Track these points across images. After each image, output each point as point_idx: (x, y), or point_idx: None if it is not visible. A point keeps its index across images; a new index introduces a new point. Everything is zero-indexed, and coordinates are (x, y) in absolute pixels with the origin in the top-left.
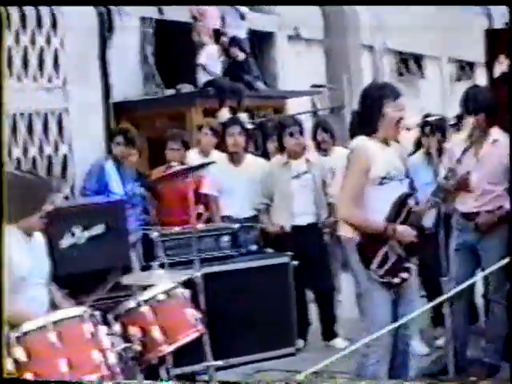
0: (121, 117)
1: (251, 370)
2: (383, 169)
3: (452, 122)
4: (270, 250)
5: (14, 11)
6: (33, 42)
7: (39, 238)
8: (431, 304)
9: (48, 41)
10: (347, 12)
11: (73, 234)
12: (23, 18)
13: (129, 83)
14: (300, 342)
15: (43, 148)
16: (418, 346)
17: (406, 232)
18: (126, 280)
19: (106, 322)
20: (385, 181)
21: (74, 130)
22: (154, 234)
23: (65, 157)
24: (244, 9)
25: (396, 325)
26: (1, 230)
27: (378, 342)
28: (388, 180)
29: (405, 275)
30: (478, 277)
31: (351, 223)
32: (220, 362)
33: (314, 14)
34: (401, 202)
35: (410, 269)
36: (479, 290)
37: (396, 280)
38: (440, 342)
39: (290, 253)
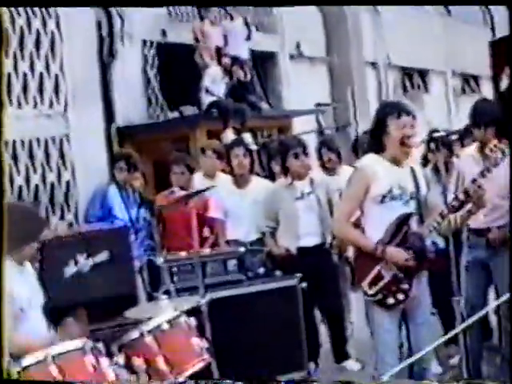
0: (125, 141)
1: None
2: (385, 187)
3: (456, 137)
4: (277, 273)
5: (13, 37)
6: (32, 67)
7: (29, 267)
8: (446, 337)
9: (47, 66)
10: (349, 28)
11: (76, 262)
12: (21, 42)
13: (132, 107)
14: (311, 365)
15: (46, 175)
16: (432, 366)
17: (396, 254)
18: (129, 314)
19: (110, 353)
20: (386, 200)
21: (76, 156)
22: (160, 260)
23: (68, 183)
24: (252, 28)
25: (408, 362)
26: (1, 255)
27: (386, 366)
28: (389, 199)
29: (401, 296)
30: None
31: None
32: None
33: (315, 32)
34: (399, 223)
35: (407, 290)
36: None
37: (390, 301)
38: (454, 360)
39: (297, 275)
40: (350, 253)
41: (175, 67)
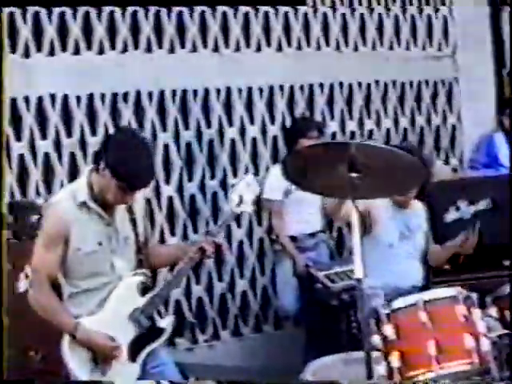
0: None
1: None
2: None
3: None
4: None
5: None
6: (420, 10)
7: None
8: None
9: (436, 9)
10: None
11: (458, 208)
12: None
13: None
14: None
15: (431, 118)
16: None
17: None
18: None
19: (483, 305)
20: None
21: (464, 99)
22: None
23: (453, 127)
24: None
25: None
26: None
27: None
28: None
29: None
30: None
31: None
32: None
33: None
34: None
35: None
36: None
37: None
38: None
39: None
40: None
41: None
